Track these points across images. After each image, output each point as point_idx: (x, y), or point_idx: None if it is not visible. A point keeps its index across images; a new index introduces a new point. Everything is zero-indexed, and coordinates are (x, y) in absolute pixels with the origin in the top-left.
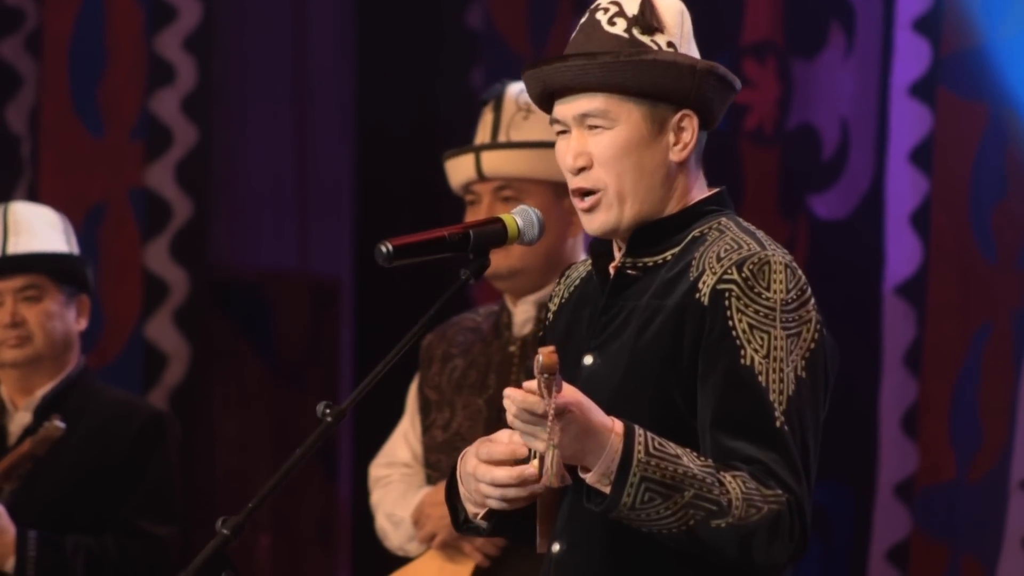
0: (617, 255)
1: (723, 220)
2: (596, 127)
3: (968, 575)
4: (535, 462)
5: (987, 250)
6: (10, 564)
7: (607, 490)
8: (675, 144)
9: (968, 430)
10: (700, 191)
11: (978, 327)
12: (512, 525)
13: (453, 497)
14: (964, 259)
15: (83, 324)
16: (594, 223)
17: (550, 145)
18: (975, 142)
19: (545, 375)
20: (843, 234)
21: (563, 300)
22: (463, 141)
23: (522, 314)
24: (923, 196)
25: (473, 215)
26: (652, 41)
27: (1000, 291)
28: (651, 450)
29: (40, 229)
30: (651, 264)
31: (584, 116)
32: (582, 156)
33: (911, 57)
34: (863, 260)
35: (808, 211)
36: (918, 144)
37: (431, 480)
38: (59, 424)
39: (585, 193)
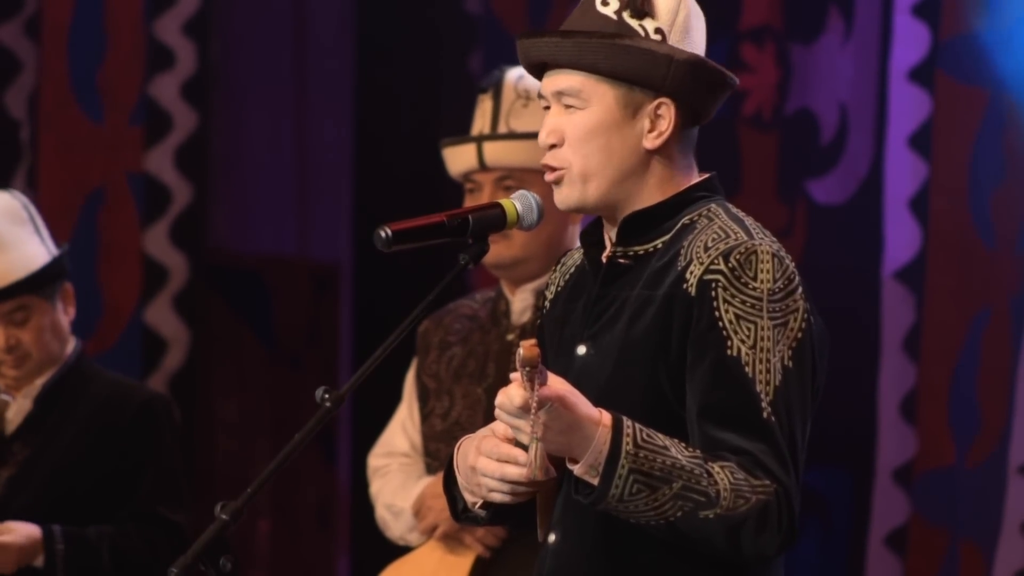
0: (608, 244)
1: (712, 207)
2: (570, 106)
3: (967, 560)
4: (528, 463)
5: (986, 235)
6: (40, 560)
7: (595, 482)
8: (650, 131)
9: (967, 415)
10: (688, 180)
11: (977, 312)
12: (511, 513)
13: (451, 486)
14: (963, 244)
15: (72, 313)
16: (559, 197)
17: None
18: (974, 127)
19: (527, 368)
20: (842, 219)
21: (559, 288)
22: (462, 126)
23: (520, 302)
24: (922, 181)
25: (473, 203)
26: (640, 26)
27: (999, 276)
28: (639, 442)
29: (11, 238)
30: (642, 253)
31: (560, 93)
32: (554, 133)
33: (910, 41)
34: (862, 245)
35: (807, 196)
36: (917, 129)
37: (431, 469)
38: (5, 397)
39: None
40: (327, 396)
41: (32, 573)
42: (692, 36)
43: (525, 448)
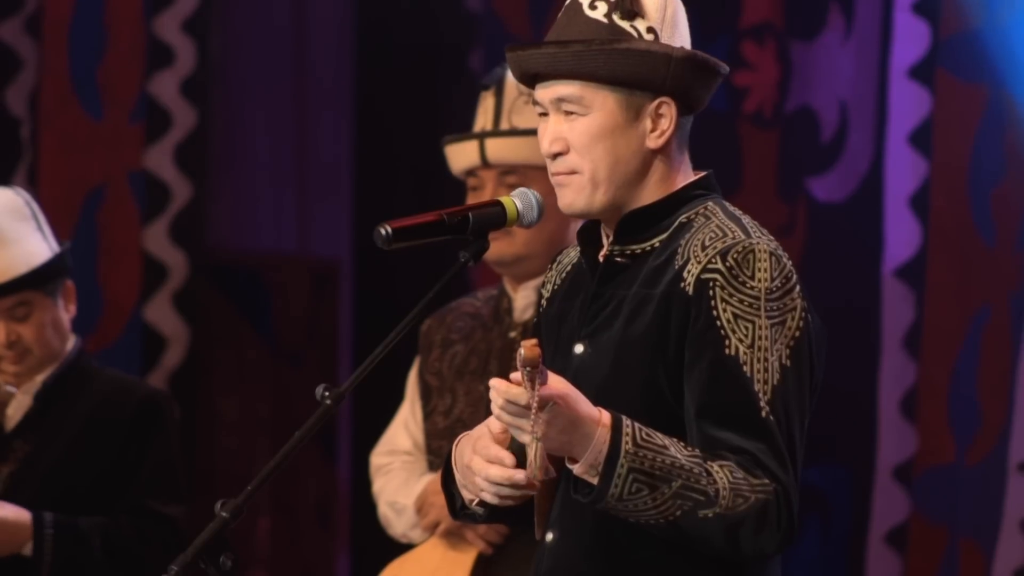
0: (605, 243)
1: (710, 205)
2: (572, 113)
3: (966, 558)
4: (528, 464)
5: (986, 233)
6: (28, 548)
7: (595, 481)
8: (652, 131)
9: (967, 413)
10: (685, 176)
11: (977, 310)
12: (509, 511)
13: (449, 484)
14: (963, 242)
15: (72, 311)
16: (565, 202)
17: None
18: (974, 124)
19: (528, 368)
20: (842, 217)
21: (555, 287)
22: (462, 123)
23: (523, 299)
24: (922, 179)
25: (475, 200)
26: (632, 27)
27: (999, 274)
28: (639, 441)
29: (13, 234)
30: (639, 252)
31: (560, 101)
32: (558, 141)
33: (910, 39)
34: (862, 243)
35: (807, 194)
36: (917, 126)
37: (433, 467)
38: (10, 389)
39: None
40: (327, 394)
41: (21, 562)
42: (680, 29)
43: (523, 447)
